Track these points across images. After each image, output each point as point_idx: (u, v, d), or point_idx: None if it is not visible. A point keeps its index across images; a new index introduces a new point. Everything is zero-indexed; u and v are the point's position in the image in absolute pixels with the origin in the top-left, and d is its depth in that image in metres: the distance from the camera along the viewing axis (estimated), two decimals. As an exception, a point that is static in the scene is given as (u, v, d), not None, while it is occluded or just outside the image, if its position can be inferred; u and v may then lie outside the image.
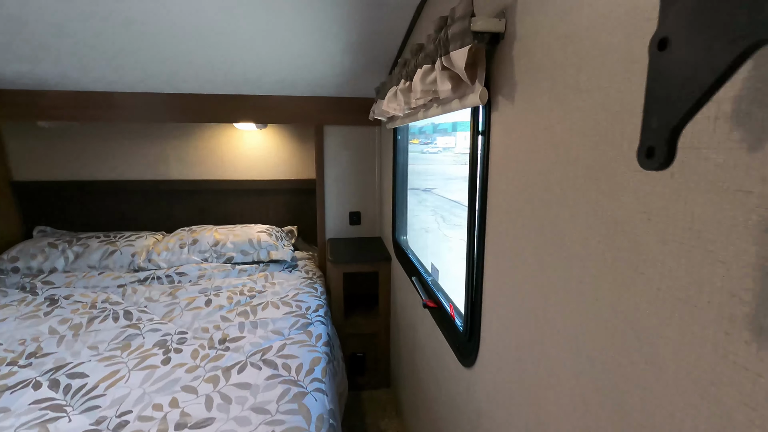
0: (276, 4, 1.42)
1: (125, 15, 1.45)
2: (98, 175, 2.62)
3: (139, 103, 2.25)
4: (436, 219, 2.35)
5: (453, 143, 2.56)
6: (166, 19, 1.49)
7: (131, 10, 1.42)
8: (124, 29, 1.55)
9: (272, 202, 2.85)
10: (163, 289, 2.08)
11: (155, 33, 1.58)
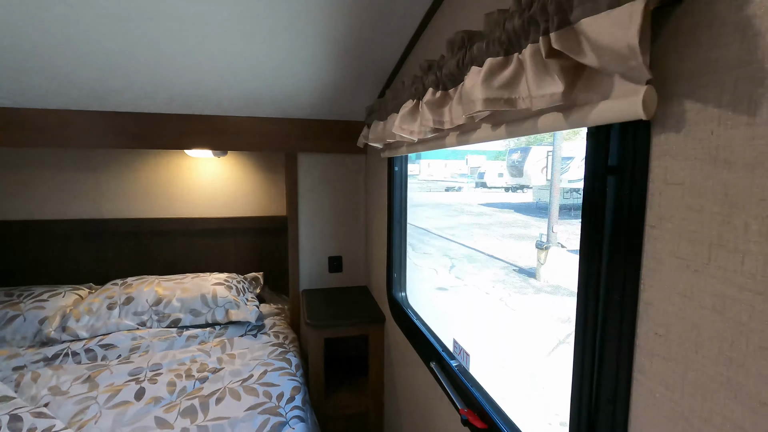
0: None
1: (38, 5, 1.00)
2: (7, 213, 2.04)
3: (59, 124, 1.74)
4: (443, 266, 1.94)
5: (417, 170, 2.27)
6: (91, 11, 1.05)
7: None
8: (34, 22, 1.09)
9: (232, 244, 2.35)
10: (78, 371, 1.52)
11: (77, 28, 1.12)
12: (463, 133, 0.86)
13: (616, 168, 0.50)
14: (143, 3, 1.05)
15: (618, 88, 0.45)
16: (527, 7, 0.52)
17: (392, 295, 1.64)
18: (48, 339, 1.68)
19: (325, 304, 1.88)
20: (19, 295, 1.84)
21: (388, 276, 1.65)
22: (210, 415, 1.29)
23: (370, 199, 2.03)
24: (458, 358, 1.12)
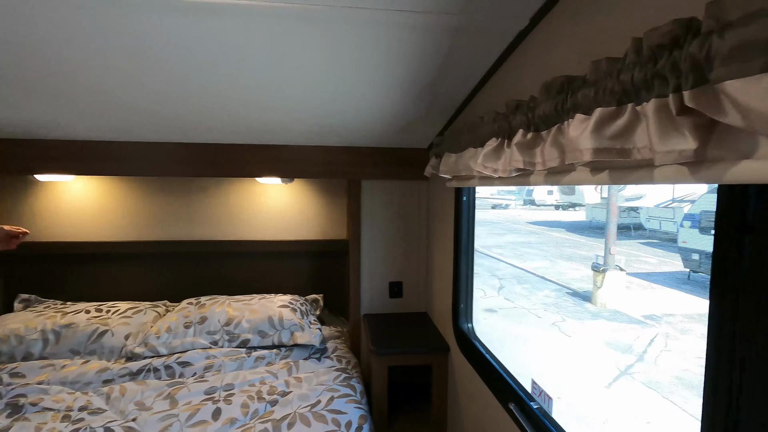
0: (312, 39, 1.08)
1: (130, 50, 1.11)
2: (91, 236, 2.24)
3: (145, 155, 1.91)
4: (491, 286, 1.89)
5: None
6: (175, 55, 1.15)
7: (137, 45, 1.08)
8: (127, 64, 1.21)
9: (294, 266, 2.43)
10: (159, 388, 1.62)
11: (165, 73, 1.24)
12: (553, 174, 0.85)
13: (754, 226, 0.47)
14: (223, 51, 1.13)
15: (764, 149, 0.43)
16: (650, 60, 0.51)
17: (458, 325, 1.61)
18: (132, 354, 1.80)
19: (387, 331, 1.89)
20: (107, 311, 2.00)
21: (454, 306, 1.63)
22: (283, 441, 1.32)
23: (431, 226, 2.03)
24: (538, 401, 1.08)
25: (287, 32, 1.05)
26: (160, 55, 1.14)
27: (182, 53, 1.14)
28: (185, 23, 1.00)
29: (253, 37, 1.08)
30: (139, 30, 1.02)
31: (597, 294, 7.63)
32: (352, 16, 0.99)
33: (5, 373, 1.68)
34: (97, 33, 1.04)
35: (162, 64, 1.19)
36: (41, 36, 1.05)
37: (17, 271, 2.23)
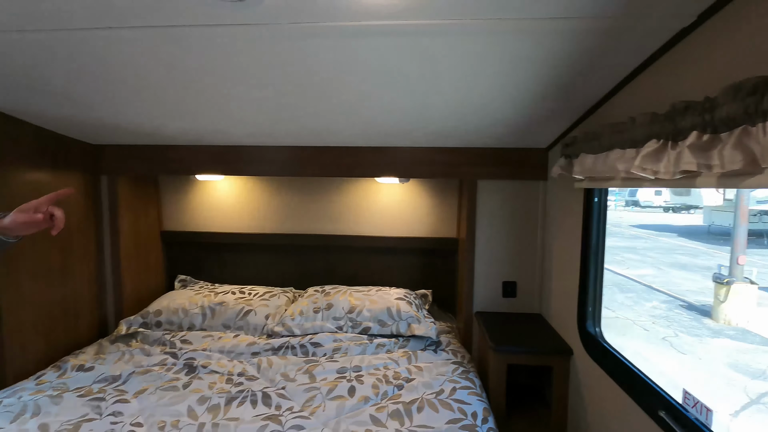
0: (444, 51, 1.15)
1: (278, 71, 1.29)
2: (233, 227, 2.58)
3: (281, 158, 2.16)
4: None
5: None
6: (317, 74, 1.30)
7: (284, 67, 1.25)
8: (275, 82, 1.40)
9: (404, 262, 2.55)
10: (298, 363, 1.83)
11: (305, 89, 1.41)
12: (730, 177, 0.82)
13: None
14: (359, 65, 1.25)
15: None
16: None
17: (585, 329, 1.59)
18: (272, 332, 2.06)
19: (502, 329, 1.91)
20: (249, 293, 2.31)
21: (581, 308, 1.61)
22: (415, 422, 1.42)
23: (549, 226, 2.00)
24: (692, 412, 1.04)
25: (421, 47, 1.14)
26: (303, 73, 1.31)
27: (325, 72, 1.30)
28: (334, 45, 1.14)
29: (391, 54, 1.19)
30: (289, 54, 1.18)
31: (719, 309, 6.74)
32: (492, 27, 1.04)
33: (177, 339, 2.03)
34: (251, 62, 1.22)
35: (303, 81, 1.36)
36: (202, 64, 1.28)
37: (177, 255, 2.66)
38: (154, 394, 1.58)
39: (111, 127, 1.93)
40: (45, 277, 1.93)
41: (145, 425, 1.40)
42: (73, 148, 2.08)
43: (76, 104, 1.66)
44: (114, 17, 1.05)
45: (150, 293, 2.49)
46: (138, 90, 1.50)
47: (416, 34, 1.07)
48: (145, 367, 1.79)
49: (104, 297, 2.29)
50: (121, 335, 2.07)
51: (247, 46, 1.17)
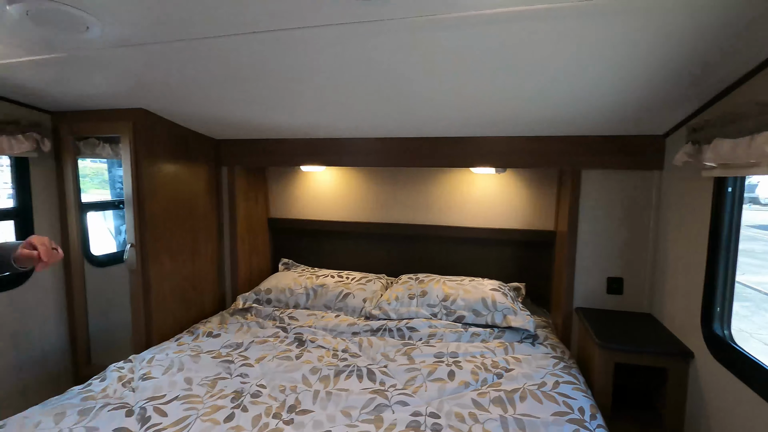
0: (555, 36, 1.11)
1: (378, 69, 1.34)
2: (330, 215, 2.74)
3: (379, 149, 2.25)
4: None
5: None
6: (415, 68, 1.33)
7: (390, 65, 1.30)
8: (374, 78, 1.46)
9: (497, 253, 2.52)
10: (396, 345, 1.92)
11: (405, 83, 1.45)
12: None
13: None
14: (464, 55, 1.25)
15: None
16: None
17: (712, 330, 1.46)
18: (370, 314, 2.17)
19: (608, 327, 1.82)
20: (346, 277, 2.45)
21: (705, 309, 1.48)
22: (518, 411, 1.42)
23: (666, 220, 1.85)
24: None
25: (531, 32, 1.12)
26: (408, 65, 1.35)
27: (426, 64, 1.33)
28: (442, 36, 1.16)
29: (498, 42, 1.18)
30: (396, 49, 1.23)
31: None
32: (610, 6, 0.99)
33: (285, 315, 2.23)
34: (360, 58, 1.29)
35: (407, 73, 1.40)
36: (311, 64, 1.37)
37: (281, 240, 2.90)
38: (272, 361, 1.76)
39: (229, 123, 2.17)
40: (180, 256, 2.24)
41: (267, 387, 1.57)
42: (201, 143, 2.36)
43: (203, 104, 1.89)
44: (238, 25, 1.18)
45: (258, 274, 2.75)
46: (254, 90, 1.67)
47: (529, 18, 1.06)
48: (262, 337, 2.00)
49: (223, 274, 2.58)
50: (238, 309, 2.33)
51: (357, 44, 1.24)
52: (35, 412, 1.37)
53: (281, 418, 1.39)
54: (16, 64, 1.54)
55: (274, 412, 1.42)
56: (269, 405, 1.46)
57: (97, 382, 1.59)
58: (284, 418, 1.39)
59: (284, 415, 1.41)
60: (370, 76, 1.48)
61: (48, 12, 1.09)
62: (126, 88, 1.77)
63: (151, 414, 1.38)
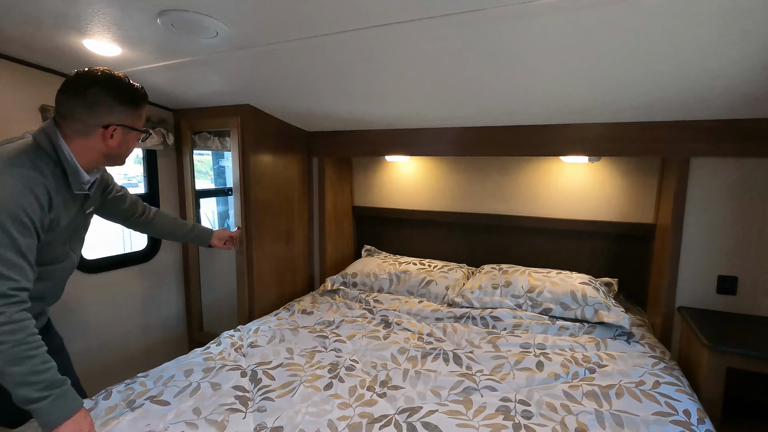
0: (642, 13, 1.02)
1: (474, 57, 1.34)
2: (412, 204, 2.80)
3: (464, 138, 2.25)
4: None
5: None
6: (509, 56, 1.30)
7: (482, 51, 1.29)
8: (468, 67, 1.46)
9: (586, 247, 2.41)
10: (481, 333, 1.93)
11: (495, 70, 1.43)
12: None
13: None
14: (561, 40, 1.20)
15: None
16: None
17: None
18: (452, 302, 2.20)
19: (718, 328, 1.67)
20: (428, 265, 2.50)
21: None
22: (614, 407, 1.38)
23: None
24: None
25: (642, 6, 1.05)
26: (497, 53, 1.33)
27: (517, 51, 1.30)
28: (532, 23, 1.13)
29: (587, 27, 1.13)
30: (482, 37, 1.21)
31: None
32: None
33: (371, 298, 2.34)
34: (445, 49, 1.29)
35: (494, 61, 1.38)
36: (398, 55, 1.40)
37: (364, 227, 3.03)
38: (362, 339, 1.88)
39: (321, 116, 2.31)
40: (277, 239, 2.45)
41: (360, 362, 1.69)
42: (295, 136, 2.55)
43: (300, 99, 2.04)
44: (348, 22, 1.26)
45: (343, 259, 2.91)
46: (349, 83, 1.77)
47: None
48: (351, 317, 2.13)
49: (312, 258, 2.78)
50: (327, 290, 2.50)
51: (446, 34, 1.26)
52: (170, 367, 1.62)
53: (375, 391, 1.49)
54: (151, 69, 1.79)
55: (367, 385, 1.52)
56: (363, 378, 1.57)
57: (214, 346, 1.82)
58: (377, 392, 1.48)
59: (377, 388, 1.51)
60: (461, 67, 1.50)
61: (187, 21, 1.26)
62: (235, 86, 1.97)
63: (262, 377, 1.55)
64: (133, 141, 1.25)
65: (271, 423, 1.29)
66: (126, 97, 1.16)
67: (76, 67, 1.22)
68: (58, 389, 1.05)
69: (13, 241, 1.00)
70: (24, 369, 0.99)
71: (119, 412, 1.33)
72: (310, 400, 1.42)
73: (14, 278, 1.00)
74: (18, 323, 1.00)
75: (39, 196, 1.04)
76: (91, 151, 1.16)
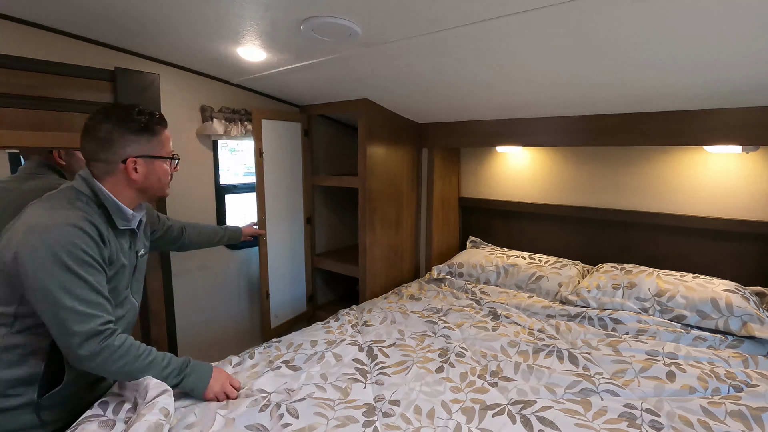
0: None
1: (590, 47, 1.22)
2: (522, 197, 2.70)
3: (587, 127, 2.10)
4: None
5: None
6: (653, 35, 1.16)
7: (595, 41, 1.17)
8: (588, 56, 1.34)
9: (731, 249, 2.10)
10: (598, 335, 1.82)
11: (617, 57, 1.29)
12: None
13: None
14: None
15: None
16: None
17: None
18: (566, 299, 2.10)
19: None
20: (539, 260, 2.42)
21: None
22: (768, 432, 1.21)
23: None
24: None
25: None
26: (622, 39, 1.20)
27: (659, 31, 1.16)
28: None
29: None
30: (615, 20, 1.10)
31: None
32: None
33: (477, 289, 2.35)
34: (566, 35, 1.20)
35: (623, 44, 1.25)
36: (510, 46, 1.32)
37: (469, 219, 3.02)
38: (471, 328, 1.90)
39: (433, 108, 2.35)
40: (387, 226, 2.57)
41: (469, 351, 1.72)
42: (407, 127, 2.63)
43: (413, 92, 2.10)
44: (473, 15, 1.26)
45: (448, 249, 2.94)
46: (466, 75, 1.77)
47: None
48: (458, 306, 2.16)
49: (418, 246, 2.86)
50: (433, 278, 2.56)
51: (576, 18, 1.19)
52: (296, 337, 1.83)
53: (485, 380, 1.51)
54: (285, 71, 2.00)
55: (478, 373, 1.55)
56: (473, 366, 1.60)
57: (333, 321, 2.00)
58: (488, 381, 1.50)
59: (488, 377, 1.53)
60: (584, 51, 1.41)
61: (328, 25, 1.39)
62: (357, 81, 2.10)
63: (377, 353, 1.67)
64: (161, 169, 1.20)
65: (389, 396, 1.40)
66: (136, 127, 1.13)
67: (230, 71, 1.43)
68: (186, 369, 1.23)
69: (85, 281, 1.01)
70: (154, 371, 1.15)
71: (261, 369, 1.55)
72: (423, 380, 1.49)
73: (99, 314, 1.03)
74: (123, 346, 1.08)
75: (88, 231, 1.03)
76: (124, 188, 1.15)
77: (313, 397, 1.37)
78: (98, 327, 1.01)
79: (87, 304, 1.00)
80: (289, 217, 2.61)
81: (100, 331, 1.01)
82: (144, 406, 1.12)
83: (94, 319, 1.01)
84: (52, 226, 0.99)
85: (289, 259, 2.66)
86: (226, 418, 1.25)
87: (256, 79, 2.20)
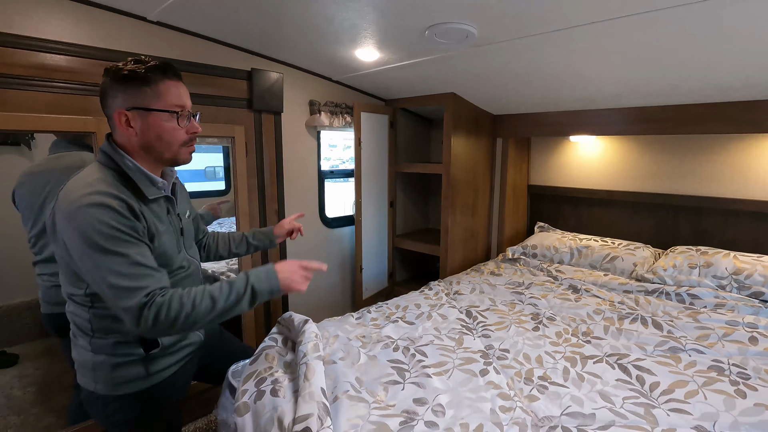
0: None
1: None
2: (592, 184, 2.85)
3: (667, 116, 2.23)
4: None
5: None
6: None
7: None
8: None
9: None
10: (677, 307, 1.98)
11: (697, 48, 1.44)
12: None
13: None
14: None
15: None
16: None
17: None
18: (641, 277, 2.26)
19: None
20: (612, 242, 2.58)
21: None
22: None
23: None
24: None
25: None
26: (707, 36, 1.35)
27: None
28: None
29: None
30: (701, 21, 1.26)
31: None
32: None
33: (552, 268, 2.54)
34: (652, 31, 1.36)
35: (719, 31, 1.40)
36: (590, 44, 1.50)
37: (537, 205, 3.20)
38: (555, 299, 2.11)
39: (509, 101, 2.55)
40: (465, 210, 2.80)
41: (558, 317, 1.93)
42: (484, 119, 2.84)
43: (493, 87, 2.32)
44: (534, 26, 1.46)
45: (517, 234, 3.14)
46: (545, 72, 1.98)
47: None
48: (538, 281, 2.37)
49: (490, 230, 3.07)
50: (507, 258, 2.77)
51: (659, 22, 1.37)
52: (400, 301, 2.09)
53: (579, 338, 1.72)
54: (390, 68, 2.26)
55: (571, 332, 1.76)
56: (565, 327, 1.81)
57: (427, 290, 2.26)
58: (581, 340, 1.71)
59: (581, 336, 1.74)
60: (661, 42, 1.58)
61: (450, 30, 1.64)
62: (446, 77, 2.33)
63: (477, 315, 1.92)
64: (158, 124, 1.03)
65: (498, 345, 1.64)
66: (123, 75, 0.99)
67: (335, 69, 1.66)
68: (252, 279, 1.06)
69: (123, 255, 0.95)
70: (226, 304, 1.02)
71: (382, 322, 1.83)
72: (524, 335, 1.73)
73: (143, 285, 0.96)
74: (172, 299, 0.97)
75: (116, 207, 0.95)
76: (132, 151, 1.05)
77: (433, 343, 1.63)
78: (142, 298, 0.95)
79: (129, 278, 0.94)
80: (377, 201, 2.90)
81: (144, 303, 0.95)
82: (299, 333, 1.43)
83: (139, 292, 0.95)
84: (76, 210, 0.93)
85: (376, 238, 2.96)
86: (368, 355, 1.54)
87: (355, 76, 2.48)
